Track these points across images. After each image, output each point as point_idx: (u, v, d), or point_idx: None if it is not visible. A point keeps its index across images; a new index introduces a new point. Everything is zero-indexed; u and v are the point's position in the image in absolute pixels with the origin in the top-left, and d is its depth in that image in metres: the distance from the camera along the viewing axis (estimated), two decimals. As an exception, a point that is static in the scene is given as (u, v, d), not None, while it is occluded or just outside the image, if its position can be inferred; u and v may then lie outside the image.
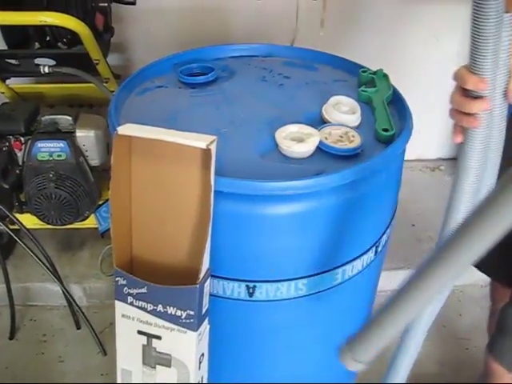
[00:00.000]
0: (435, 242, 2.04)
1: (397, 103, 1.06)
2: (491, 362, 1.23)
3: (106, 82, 1.59)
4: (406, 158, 2.52)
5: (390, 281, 1.88)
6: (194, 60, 1.21)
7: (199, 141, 0.78)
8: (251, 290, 0.94)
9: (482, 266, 1.23)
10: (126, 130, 0.82)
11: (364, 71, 1.12)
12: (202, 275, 0.84)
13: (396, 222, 1.09)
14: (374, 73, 1.11)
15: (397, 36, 2.04)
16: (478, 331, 1.83)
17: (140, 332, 0.90)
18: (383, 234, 1.03)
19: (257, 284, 0.93)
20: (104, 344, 1.66)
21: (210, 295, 0.91)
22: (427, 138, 2.37)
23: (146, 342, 0.91)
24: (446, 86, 0.79)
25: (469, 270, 1.50)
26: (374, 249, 1.01)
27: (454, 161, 2.47)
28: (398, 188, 1.05)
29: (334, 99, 1.01)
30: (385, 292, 1.40)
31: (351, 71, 1.16)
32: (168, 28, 1.89)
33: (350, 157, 0.91)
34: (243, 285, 0.94)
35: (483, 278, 1.96)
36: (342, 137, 0.94)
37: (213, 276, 0.92)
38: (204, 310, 0.89)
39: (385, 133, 0.95)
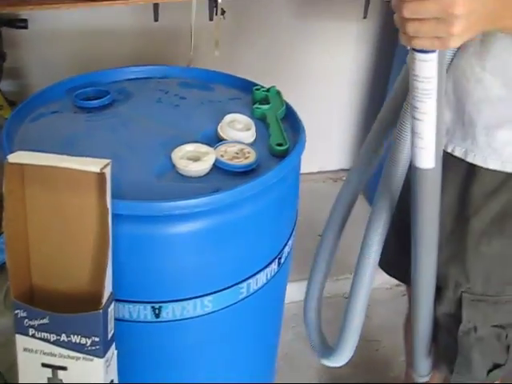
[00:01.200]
0: (341, 250, 2.11)
1: (290, 118, 1.10)
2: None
3: (0, 110, 1.55)
4: (308, 171, 2.62)
5: (299, 291, 1.94)
6: (90, 84, 1.20)
7: (93, 165, 0.77)
8: (157, 311, 0.94)
9: (382, 265, 1.29)
10: (17, 157, 0.81)
11: (257, 89, 1.15)
12: (104, 300, 0.84)
13: (302, 232, 1.12)
14: (268, 90, 1.15)
15: (292, 52, 2.11)
16: (386, 332, 1.91)
17: (44, 365, 0.88)
18: (285, 246, 1.07)
19: (162, 305, 0.94)
20: (12, 382, 1.59)
21: (117, 320, 0.90)
22: (328, 150, 2.46)
23: (51, 375, 0.88)
24: (343, 98, 0.85)
25: (375, 275, 1.57)
26: (276, 261, 1.04)
27: (355, 170, 2.57)
28: (296, 200, 1.09)
29: (228, 117, 1.03)
30: (295, 303, 1.45)
31: (245, 89, 1.19)
32: (64, 52, 1.86)
33: (246, 172, 0.94)
34: (148, 306, 0.94)
35: (388, 281, 2.07)
36: (237, 153, 0.97)
37: (117, 300, 0.91)
38: (110, 336, 0.88)
39: (279, 147, 0.98)
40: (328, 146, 2.42)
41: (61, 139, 1.00)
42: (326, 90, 2.23)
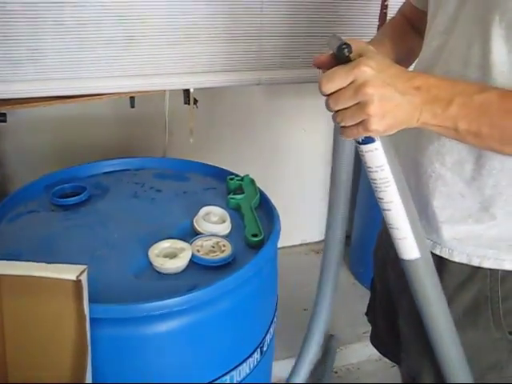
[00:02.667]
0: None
1: (264, 206, 1.13)
2: None
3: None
4: (291, 244, 2.61)
5: (288, 369, 1.92)
6: (68, 179, 1.22)
7: (69, 273, 0.78)
8: (140, 410, 0.93)
9: (374, 344, 1.29)
10: (-7, 267, 0.81)
11: (231, 178, 1.18)
12: (84, 406, 0.83)
13: (287, 308, 1.12)
14: (242, 179, 1.18)
15: (268, 130, 2.16)
16: (378, 406, 1.88)
17: None
18: (267, 334, 1.07)
19: (144, 404, 0.93)
20: None
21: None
22: (309, 222, 2.48)
23: None
24: (319, 172, 0.88)
25: (364, 347, 1.57)
26: (259, 350, 1.04)
27: (337, 240, 2.59)
28: (274, 287, 1.10)
29: (203, 210, 1.05)
30: (282, 381, 1.42)
31: (220, 178, 1.22)
32: (42, 142, 1.88)
33: (223, 266, 0.95)
34: (131, 406, 0.92)
35: (376, 353, 2.05)
36: (213, 247, 0.98)
37: (99, 402, 0.90)
38: None
39: (254, 238, 1.00)
40: (308, 218, 2.45)
41: (38, 241, 1.01)
42: (303, 166, 2.28)
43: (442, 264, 0.92)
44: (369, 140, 0.71)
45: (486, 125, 0.69)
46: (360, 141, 0.72)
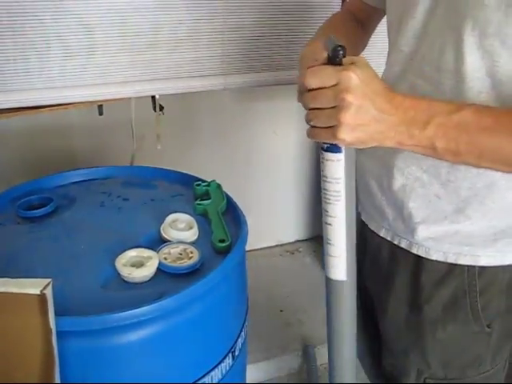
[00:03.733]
0: (305, 324, 2.11)
1: (231, 211, 1.13)
2: None
3: None
4: (266, 245, 2.62)
5: (265, 370, 1.93)
6: (34, 191, 1.21)
7: (33, 287, 0.78)
8: (111, 422, 0.92)
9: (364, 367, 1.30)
10: (-44, 284, 0.80)
11: (198, 184, 1.18)
12: (53, 421, 0.82)
13: (264, 309, 1.11)
14: (208, 184, 1.18)
15: (239, 134, 2.17)
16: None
17: None
18: (238, 338, 1.07)
19: (116, 415, 0.92)
20: None
21: None
22: (283, 223, 2.50)
23: None
24: (292, 172, 0.89)
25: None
26: (230, 355, 1.04)
27: (311, 241, 2.62)
28: (244, 291, 1.11)
29: (170, 217, 1.06)
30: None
31: (187, 184, 1.22)
32: (11, 155, 1.86)
33: (191, 273, 0.95)
34: (102, 418, 0.92)
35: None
36: (181, 254, 0.98)
37: (70, 416, 0.90)
38: None
39: (221, 244, 1.01)
40: (282, 219, 2.46)
41: (3, 254, 1.00)
42: (275, 168, 2.29)
43: (419, 262, 0.94)
44: (334, 149, 0.71)
45: (463, 143, 0.69)
46: (325, 147, 0.72)
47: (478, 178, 0.83)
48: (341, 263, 0.79)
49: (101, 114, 1.80)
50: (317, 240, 2.61)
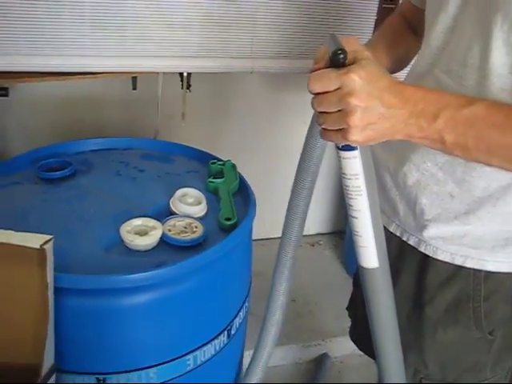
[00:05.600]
0: (315, 316, 2.11)
1: (243, 192, 1.14)
2: None
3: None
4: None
5: (272, 357, 1.93)
6: (55, 155, 1.24)
7: (34, 241, 0.80)
8: (101, 382, 0.95)
9: (353, 338, 1.30)
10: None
11: (213, 162, 1.19)
12: (43, 372, 0.85)
13: None
14: (223, 163, 1.19)
15: (266, 120, 2.17)
16: (359, 400, 1.90)
17: None
18: (235, 317, 1.08)
19: (107, 376, 0.94)
20: None
21: (61, 391, 0.91)
22: (308, 215, 2.49)
23: None
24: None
25: (349, 340, 1.58)
26: (225, 333, 1.05)
27: (333, 235, 2.61)
28: (247, 272, 1.11)
29: (180, 191, 1.07)
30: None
31: (204, 162, 1.23)
32: (43, 119, 1.91)
33: (193, 247, 0.97)
34: (93, 377, 0.94)
35: (361, 347, 2.05)
36: (185, 228, 1.00)
37: (62, 371, 0.92)
38: (50, 407, 0.88)
39: (227, 222, 1.02)
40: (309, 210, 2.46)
41: (14, 211, 1.03)
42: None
43: (425, 261, 0.93)
44: (348, 147, 0.72)
45: (472, 138, 0.68)
46: (340, 146, 0.73)
47: (494, 179, 0.82)
48: (371, 252, 0.80)
49: (134, 88, 1.83)
50: (338, 234, 2.60)
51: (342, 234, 2.56)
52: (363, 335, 1.22)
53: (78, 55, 1.37)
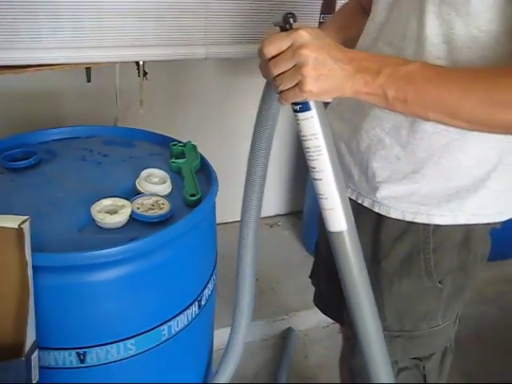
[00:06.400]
0: (279, 293, 2.19)
1: (205, 170, 1.20)
2: None
3: None
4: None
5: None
6: (19, 145, 1.27)
7: (11, 221, 0.84)
8: (82, 357, 0.99)
9: (317, 305, 1.38)
10: None
11: (174, 144, 1.25)
12: (27, 348, 0.89)
13: None
14: (184, 145, 1.25)
15: (222, 104, 2.23)
16: (324, 369, 1.98)
17: (-31, 414, 0.92)
18: (205, 288, 1.14)
19: (87, 350, 0.99)
20: None
21: (43, 368, 0.95)
22: (264, 197, 2.56)
23: (-24, 425, 0.92)
24: (273, 146, 0.96)
25: (311, 314, 1.66)
26: (196, 303, 1.11)
27: (290, 216, 2.69)
28: (213, 245, 1.18)
29: (145, 172, 1.12)
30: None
31: (165, 145, 1.28)
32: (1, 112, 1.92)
33: (161, 222, 1.02)
34: (73, 352, 0.99)
35: (324, 319, 2.14)
36: (153, 205, 1.05)
37: (43, 348, 0.96)
38: (34, 383, 0.93)
39: (191, 198, 1.07)
40: (266, 193, 2.53)
41: (-15, 199, 1.07)
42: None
43: (380, 220, 1.01)
44: (305, 107, 0.78)
45: (410, 92, 0.76)
46: (297, 109, 0.79)
47: (434, 139, 0.91)
48: (338, 214, 0.84)
49: (89, 80, 1.86)
50: (296, 215, 2.69)
51: (299, 214, 2.65)
52: (326, 300, 1.31)
53: (35, 48, 1.40)
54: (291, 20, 0.74)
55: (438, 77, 0.77)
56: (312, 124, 0.80)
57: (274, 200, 2.62)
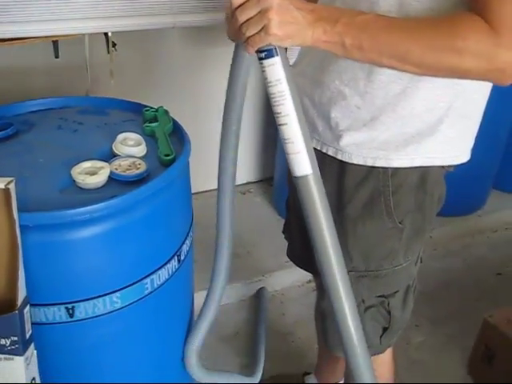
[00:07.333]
0: (254, 256, 2.26)
1: (177, 133, 1.26)
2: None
3: None
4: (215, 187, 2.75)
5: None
6: (-5, 118, 1.31)
7: (-2, 183, 0.90)
8: (71, 311, 1.05)
9: (291, 258, 1.45)
10: None
11: (147, 110, 1.30)
12: (19, 303, 0.95)
13: (212, 245, 1.23)
14: (156, 110, 1.30)
15: (191, 77, 2.27)
16: (300, 326, 2.08)
17: (-34, 368, 0.97)
18: (183, 244, 1.21)
19: (75, 304, 1.05)
20: None
21: (35, 324, 1.01)
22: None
23: (-27, 377, 0.98)
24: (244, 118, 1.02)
25: (286, 274, 1.73)
26: (176, 258, 1.18)
27: (262, 183, 2.76)
28: (188, 203, 1.24)
29: (121, 136, 1.17)
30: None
31: (137, 111, 1.33)
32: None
33: (138, 181, 1.08)
34: (62, 307, 1.05)
35: (299, 279, 2.24)
36: (130, 166, 1.11)
37: (34, 305, 1.02)
38: (28, 336, 0.98)
39: (166, 157, 1.13)
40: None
41: (-33, 167, 1.11)
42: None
43: (342, 167, 1.08)
44: (270, 54, 0.85)
45: (366, 39, 0.84)
46: (263, 56, 0.86)
47: (390, 88, 0.98)
48: (303, 157, 0.90)
49: (57, 56, 1.88)
50: (267, 182, 2.76)
51: (270, 180, 2.72)
52: (299, 253, 1.38)
53: (3, 22, 1.43)
54: None
55: (391, 25, 0.85)
56: (276, 70, 0.87)
57: (245, 168, 2.69)
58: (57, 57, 1.88)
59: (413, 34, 0.84)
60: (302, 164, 0.91)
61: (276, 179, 2.56)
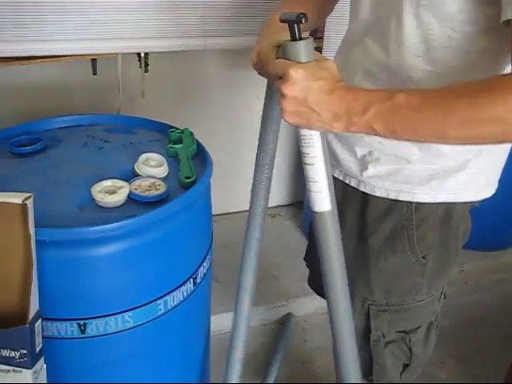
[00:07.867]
0: (280, 280, 2.25)
1: (201, 155, 1.26)
2: None
3: None
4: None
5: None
6: (25, 133, 1.34)
7: (16, 198, 0.91)
8: (82, 328, 1.06)
9: (312, 285, 1.43)
10: None
11: (172, 131, 1.31)
12: (30, 316, 0.96)
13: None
14: (182, 131, 1.31)
15: (223, 95, 2.29)
16: (320, 353, 2.04)
17: (-25, 379, 0.98)
18: (200, 267, 1.20)
19: (87, 321, 1.06)
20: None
21: (46, 338, 1.02)
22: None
23: (-19, 389, 0.99)
24: None
25: (310, 301, 1.70)
26: (192, 280, 1.18)
27: (292, 206, 2.75)
28: (208, 226, 1.24)
29: (144, 156, 1.18)
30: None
31: (163, 132, 1.35)
32: (6, 107, 1.98)
33: (157, 202, 1.08)
34: (74, 323, 1.05)
35: (323, 306, 2.20)
36: (150, 187, 1.11)
37: (46, 319, 1.03)
38: (38, 349, 0.99)
39: (186, 180, 1.14)
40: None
41: (-6, 180, 1.13)
42: (257, 133, 2.41)
43: (365, 198, 1.07)
44: None
45: (398, 124, 0.80)
46: None
47: None
48: (324, 196, 0.89)
49: (95, 73, 1.92)
50: (297, 205, 2.74)
51: (300, 204, 2.71)
52: (319, 280, 1.36)
53: (40, 40, 1.47)
54: (303, 20, 0.79)
55: (422, 104, 0.78)
56: None
57: (275, 191, 2.67)
58: (94, 74, 1.92)
59: (447, 107, 0.77)
60: (323, 202, 0.90)
61: (306, 203, 2.54)
